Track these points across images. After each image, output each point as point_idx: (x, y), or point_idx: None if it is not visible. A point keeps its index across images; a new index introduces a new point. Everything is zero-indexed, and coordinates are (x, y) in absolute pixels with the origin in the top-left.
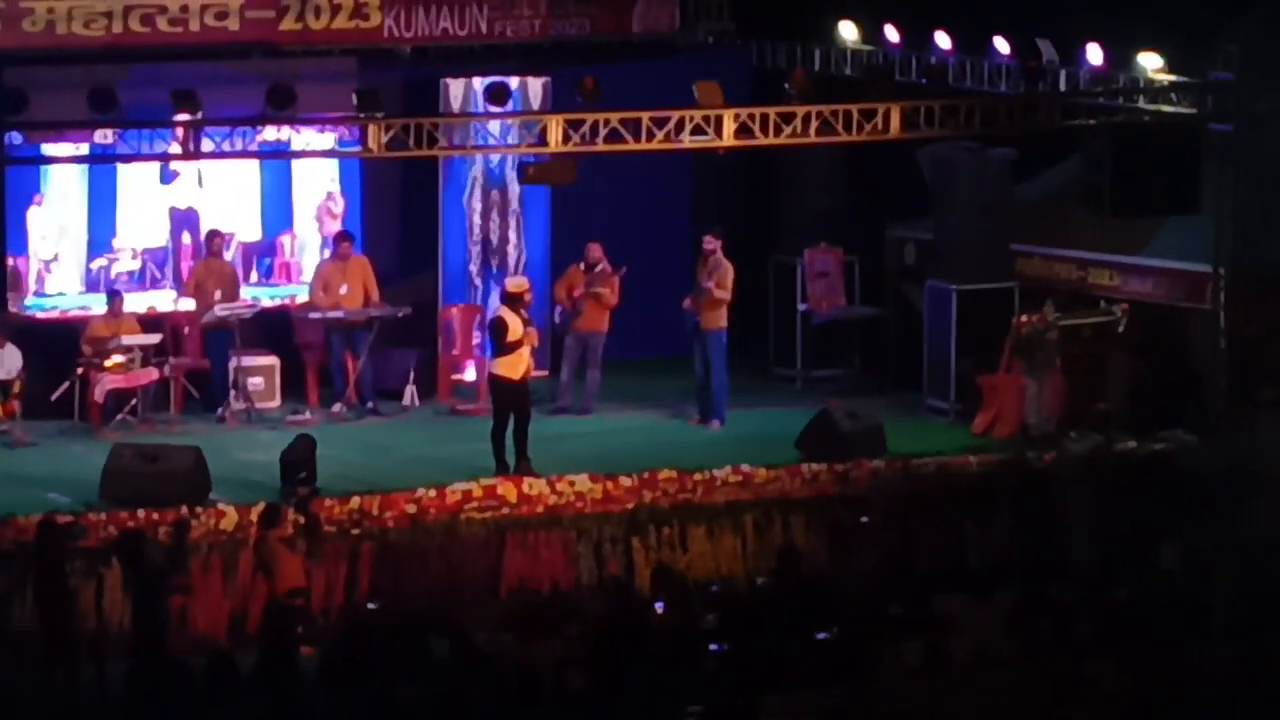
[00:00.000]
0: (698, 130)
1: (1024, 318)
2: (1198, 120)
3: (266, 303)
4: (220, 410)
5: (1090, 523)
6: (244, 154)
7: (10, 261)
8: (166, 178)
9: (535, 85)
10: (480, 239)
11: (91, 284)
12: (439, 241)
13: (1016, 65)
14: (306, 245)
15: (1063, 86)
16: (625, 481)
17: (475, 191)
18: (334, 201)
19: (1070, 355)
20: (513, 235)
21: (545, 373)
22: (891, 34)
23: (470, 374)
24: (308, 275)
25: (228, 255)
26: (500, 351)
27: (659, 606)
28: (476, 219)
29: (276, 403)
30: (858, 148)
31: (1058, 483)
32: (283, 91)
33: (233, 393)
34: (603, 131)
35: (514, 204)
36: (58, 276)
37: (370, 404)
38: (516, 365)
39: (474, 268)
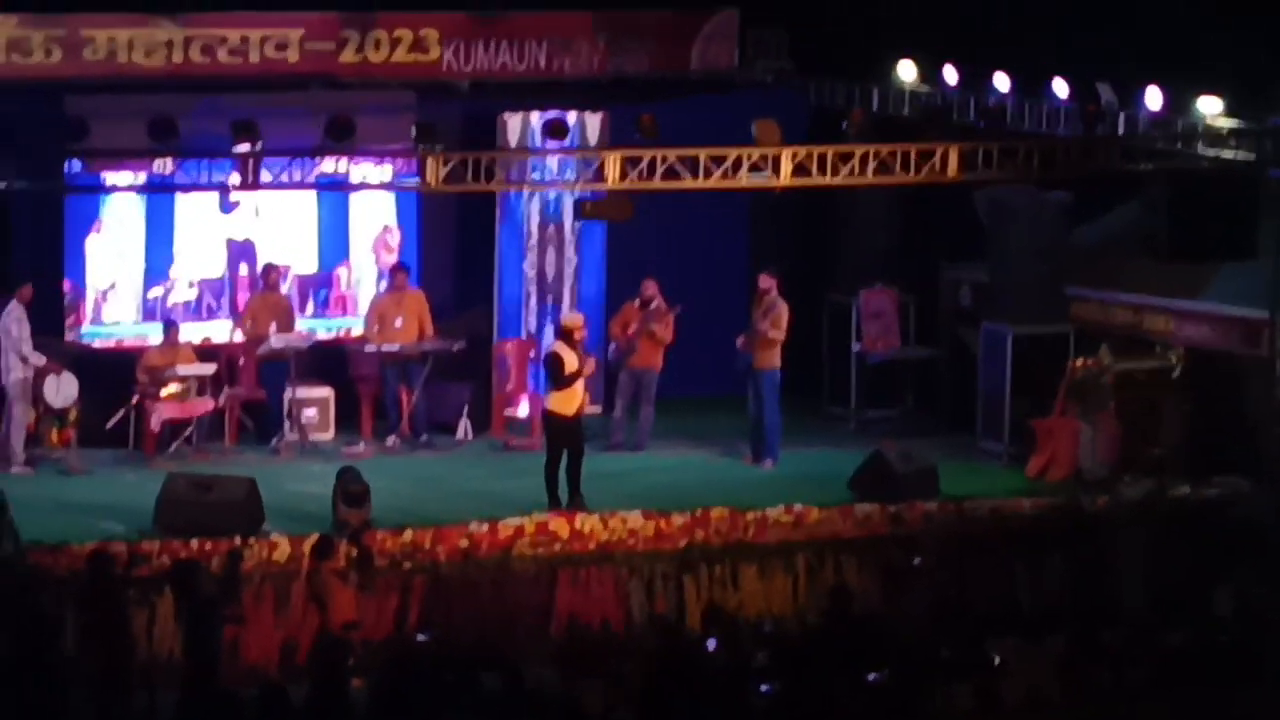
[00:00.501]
0: (755, 168)
1: (1079, 361)
2: (1256, 166)
3: (322, 335)
4: (274, 441)
5: (1143, 568)
6: (302, 185)
7: (68, 289)
8: (226, 207)
9: (593, 121)
10: (536, 274)
11: (148, 313)
12: (494, 276)
13: (1075, 108)
14: (362, 278)
15: (1121, 130)
16: (677, 519)
17: (532, 226)
18: (390, 234)
19: (1125, 400)
20: (568, 270)
21: (599, 409)
22: (950, 75)
23: (524, 409)
24: (363, 308)
25: (284, 287)
26: (556, 386)
27: (710, 644)
28: (532, 254)
29: (330, 435)
30: (914, 188)
31: (1111, 527)
32: (341, 123)
33: (287, 424)
34: (660, 168)
35: (570, 239)
36: (114, 305)
37: (424, 437)
38: (570, 401)
39: (529, 302)
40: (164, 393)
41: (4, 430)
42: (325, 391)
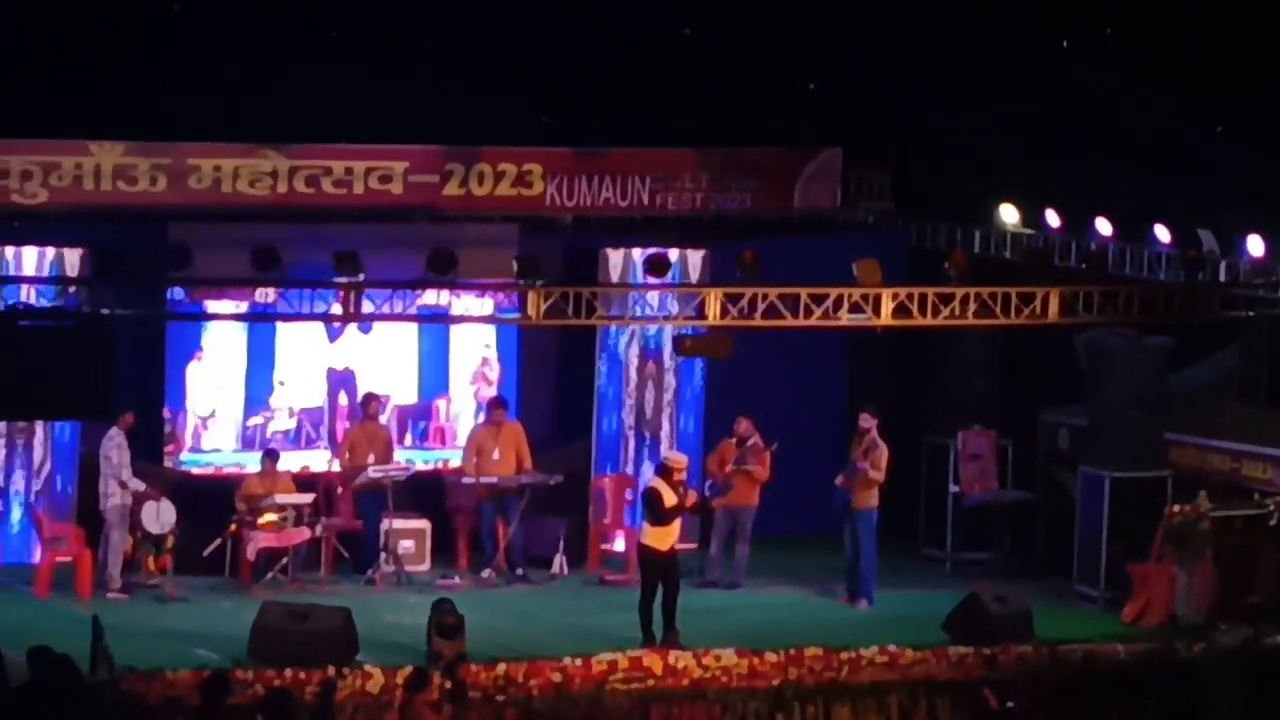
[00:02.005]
0: (855, 308)
1: (1176, 507)
2: None
3: (420, 466)
4: (370, 572)
5: (1236, 716)
6: (403, 317)
7: (168, 416)
8: (333, 335)
9: (695, 257)
10: (634, 409)
11: (247, 441)
12: (593, 410)
13: (1176, 254)
14: (461, 410)
15: (1222, 277)
16: (771, 657)
17: (631, 362)
18: (489, 367)
19: (1222, 547)
20: (667, 406)
21: (694, 546)
22: (1052, 218)
23: (620, 544)
24: (461, 439)
25: (383, 417)
26: (654, 521)
27: None
28: (631, 389)
29: (426, 566)
30: (1014, 331)
31: (1205, 675)
32: (444, 256)
33: (383, 555)
34: (760, 306)
35: (669, 375)
36: (214, 433)
37: (519, 571)
38: (665, 536)
39: (627, 438)
40: (261, 521)
41: (101, 556)
42: (422, 523)
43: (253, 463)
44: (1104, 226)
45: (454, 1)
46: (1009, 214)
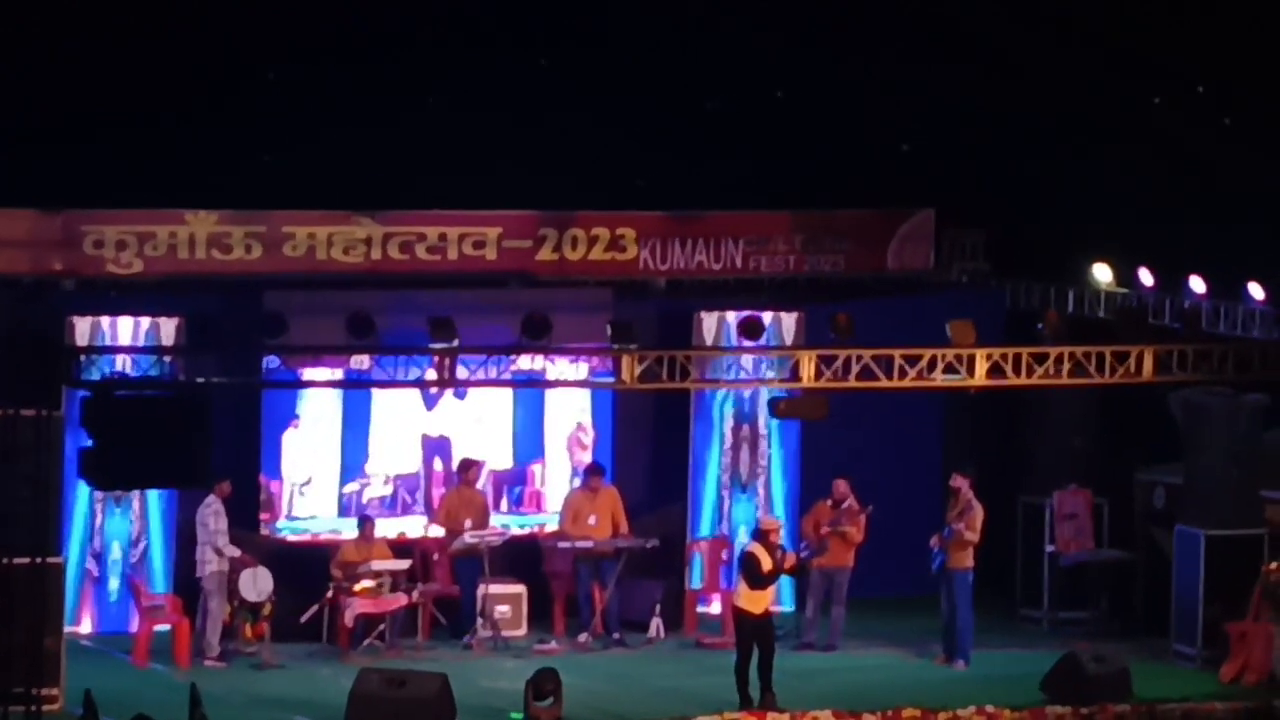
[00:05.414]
0: (950, 368)
1: (1273, 565)
2: None
3: (516, 531)
4: (467, 637)
5: None
6: (498, 382)
7: (264, 484)
8: (429, 402)
9: (788, 320)
10: (730, 472)
11: (343, 508)
12: (688, 474)
13: (1270, 311)
14: (556, 475)
15: None
16: (868, 719)
17: (726, 425)
18: (584, 432)
19: None
20: (762, 469)
21: (789, 608)
22: (1146, 277)
23: (716, 607)
24: (557, 504)
25: (479, 483)
26: (751, 585)
27: None
28: (726, 452)
29: (523, 631)
30: (1109, 390)
31: None
32: (538, 321)
33: (480, 620)
34: (855, 368)
35: (764, 438)
36: (310, 500)
37: (616, 635)
38: (759, 599)
39: (723, 501)
40: (358, 588)
41: (199, 623)
42: (518, 588)
43: (349, 529)
44: (1197, 285)
45: (545, 69)
46: (1103, 273)
